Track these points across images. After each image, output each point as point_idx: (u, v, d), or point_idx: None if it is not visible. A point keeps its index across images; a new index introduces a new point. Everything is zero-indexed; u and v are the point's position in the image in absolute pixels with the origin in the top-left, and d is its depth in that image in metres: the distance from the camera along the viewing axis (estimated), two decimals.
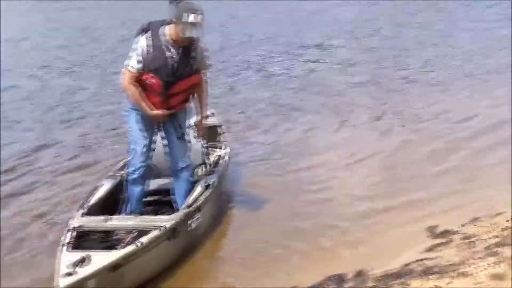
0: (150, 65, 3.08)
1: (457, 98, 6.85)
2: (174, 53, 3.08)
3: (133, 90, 3.13)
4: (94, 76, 8.60)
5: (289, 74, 8.52)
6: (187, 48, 3.13)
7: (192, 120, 3.62)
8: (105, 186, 3.64)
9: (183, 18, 2.97)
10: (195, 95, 3.40)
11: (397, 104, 6.74)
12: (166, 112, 3.20)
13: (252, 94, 7.52)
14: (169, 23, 3.10)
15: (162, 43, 3.08)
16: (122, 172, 3.83)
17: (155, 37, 3.08)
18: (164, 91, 3.14)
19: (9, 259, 3.40)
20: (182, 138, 3.36)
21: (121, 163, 4.03)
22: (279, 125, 6.15)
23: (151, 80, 3.10)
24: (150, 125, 3.33)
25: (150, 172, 3.59)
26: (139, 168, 3.32)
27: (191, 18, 2.97)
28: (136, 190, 3.37)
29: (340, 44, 10.27)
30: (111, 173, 3.90)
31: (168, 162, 3.50)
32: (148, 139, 3.34)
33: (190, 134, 3.60)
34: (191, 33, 3.02)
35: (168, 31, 3.09)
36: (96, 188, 3.62)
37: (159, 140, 3.52)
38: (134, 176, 3.34)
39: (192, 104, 3.50)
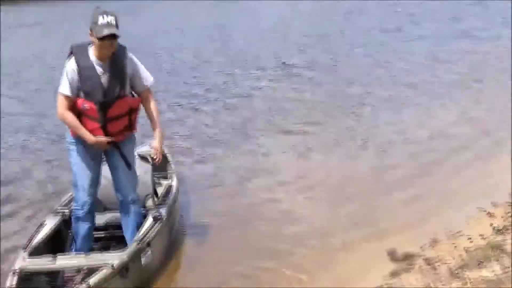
0: (81, 87, 2.95)
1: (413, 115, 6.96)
2: (102, 70, 2.97)
3: (69, 117, 2.95)
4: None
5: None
6: (115, 63, 3.00)
7: (140, 149, 3.45)
8: (50, 224, 3.39)
9: (97, 22, 2.88)
10: (137, 120, 3.21)
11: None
12: (108, 138, 3.02)
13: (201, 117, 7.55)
14: (91, 42, 3.01)
15: (89, 63, 2.98)
16: (67, 207, 3.59)
17: (82, 58, 2.98)
18: (101, 116, 2.98)
19: None
20: (129, 168, 3.16)
21: (67, 198, 3.77)
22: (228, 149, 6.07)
23: (85, 105, 2.95)
24: (94, 157, 3.17)
25: (98, 205, 3.36)
26: (84, 204, 3.12)
27: (102, 19, 2.88)
28: (82, 227, 3.16)
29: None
30: (56, 209, 3.63)
31: (116, 195, 3.28)
32: (93, 172, 3.18)
33: (137, 164, 3.41)
34: (106, 32, 2.86)
35: (92, 51, 2.99)
36: (40, 226, 3.36)
37: (106, 171, 3.31)
38: (79, 213, 3.13)
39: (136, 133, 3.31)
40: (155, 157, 3.27)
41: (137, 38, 12.80)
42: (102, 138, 3.00)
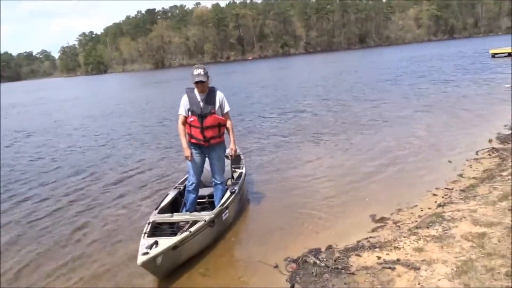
0: (190, 108, 4.68)
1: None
2: (200, 98, 4.68)
3: (181, 129, 4.71)
4: None
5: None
6: (209, 95, 4.70)
7: (227, 151, 5.08)
8: (171, 195, 5.11)
9: (193, 73, 4.60)
10: (225, 132, 4.87)
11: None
12: (189, 153, 4.71)
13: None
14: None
15: (194, 94, 4.70)
16: (182, 185, 5.34)
17: (190, 93, 4.73)
18: (200, 124, 4.64)
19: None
20: (220, 162, 4.86)
21: (182, 179, 5.58)
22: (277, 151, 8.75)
23: (191, 118, 4.70)
24: (200, 155, 4.85)
25: (201, 184, 5.03)
26: (193, 183, 4.78)
27: (196, 71, 4.58)
28: (191, 196, 4.82)
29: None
30: (175, 186, 5.42)
31: (211, 178, 4.96)
32: (199, 164, 4.86)
33: (225, 159, 5.02)
34: (197, 79, 4.55)
35: (196, 89, 4.71)
36: (165, 196, 5.08)
37: (206, 163, 4.99)
38: (190, 188, 4.80)
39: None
40: (231, 154, 4.92)
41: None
42: (188, 153, 4.70)
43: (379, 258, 3.85)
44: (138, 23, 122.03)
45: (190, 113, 4.68)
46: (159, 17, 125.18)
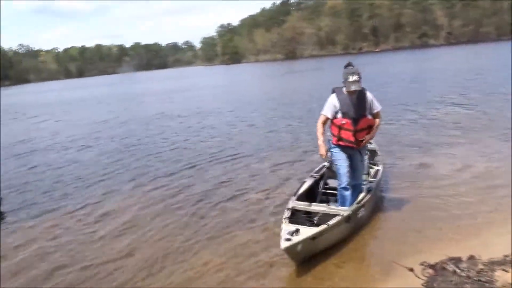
0: (341, 110, 4.64)
1: None
2: (352, 100, 4.63)
3: (320, 128, 4.75)
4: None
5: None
6: (359, 97, 4.64)
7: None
8: (308, 183, 5.39)
9: (347, 79, 4.54)
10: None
11: None
12: (324, 151, 4.69)
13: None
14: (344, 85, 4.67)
15: (344, 95, 4.65)
16: (318, 173, 5.59)
17: (339, 94, 4.69)
18: (354, 127, 4.65)
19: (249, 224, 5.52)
20: (363, 163, 4.93)
21: (318, 167, 5.84)
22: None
23: (343, 121, 4.67)
24: (346, 156, 4.85)
25: (334, 174, 5.17)
26: (343, 183, 4.86)
27: (351, 78, 4.51)
28: (342, 194, 4.90)
29: None
30: (312, 174, 5.66)
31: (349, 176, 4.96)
32: (347, 165, 4.86)
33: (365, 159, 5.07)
34: (353, 88, 4.51)
35: (345, 89, 4.66)
36: (302, 183, 5.37)
37: None
38: (341, 187, 4.88)
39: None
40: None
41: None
42: (323, 152, 4.68)
43: None
44: (273, 15, 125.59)
45: (341, 115, 4.66)
46: (293, 8, 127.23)
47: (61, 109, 27.59)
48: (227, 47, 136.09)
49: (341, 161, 4.85)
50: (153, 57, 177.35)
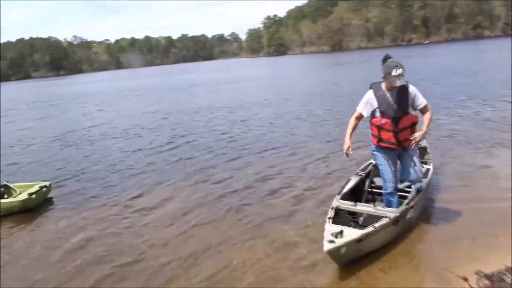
0: (379, 109, 4.26)
1: None
2: (391, 97, 4.23)
3: (352, 123, 4.44)
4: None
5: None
6: (400, 92, 4.23)
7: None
8: (353, 181, 5.15)
9: (391, 73, 4.08)
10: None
11: None
12: (347, 146, 4.36)
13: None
14: (383, 80, 4.26)
15: (383, 92, 4.26)
16: (363, 171, 5.33)
17: (378, 90, 4.29)
18: (394, 128, 4.25)
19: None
20: (413, 162, 4.47)
21: (364, 165, 5.60)
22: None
23: (382, 121, 4.28)
24: (391, 158, 4.47)
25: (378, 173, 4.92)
26: (388, 188, 4.52)
27: (395, 72, 4.06)
28: (388, 199, 4.59)
29: None
30: (357, 172, 5.41)
31: (398, 176, 4.67)
32: (393, 168, 4.49)
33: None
34: (398, 83, 4.09)
35: (383, 85, 4.26)
36: (347, 181, 5.14)
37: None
38: (386, 192, 4.58)
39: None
40: (412, 141, 4.31)
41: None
42: (345, 147, 4.38)
43: None
44: (319, 6, 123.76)
45: (379, 114, 4.28)
46: None
47: (115, 98, 28.91)
48: (272, 38, 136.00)
49: (385, 165, 4.49)
50: (199, 49, 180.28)
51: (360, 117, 4.42)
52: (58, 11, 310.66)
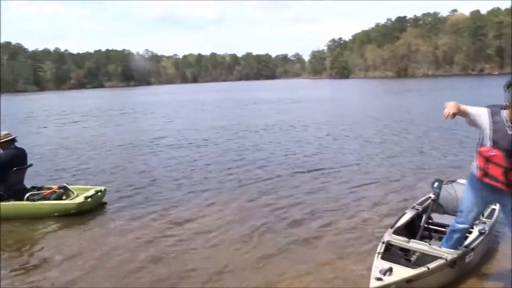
0: (492, 137, 3.46)
1: None
2: (510, 128, 3.41)
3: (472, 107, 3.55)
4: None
5: None
6: None
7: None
8: (408, 214, 4.83)
9: None
10: None
11: None
12: (451, 114, 3.36)
13: None
14: (505, 107, 3.46)
15: (501, 119, 3.45)
16: (421, 206, 4.97)
17: (495, 114, 3.47)
18: (507, 164, 3.43)
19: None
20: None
21: (422, 199, 5.22)
22: None
23: (492, 152, 3.48)
24: (483, 198, 3.77)
25: (439, 208, 4.57)
26: (461, 225, 3.96)
27: None
28: (452, 235, 4.08)
29: None
30: (414, 206, 5.08)
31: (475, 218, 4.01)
32: (477, 210, 3.84)
33: None
34: None
35: (506, 114, 3.44)
36: (402, 215, 4.84)
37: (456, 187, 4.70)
38: (454, 228, 4.04)
39: None
40: None
41: None
42: (448, 110, 3.37)
43: None
44: (387, 31, 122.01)
45: (490, 143, 3.50)
46: (409, 24, 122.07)
47: (182, 111, 30.08)
48: (336, 61, 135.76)
49: (474, 197, 3.81)
50: (262, 67, 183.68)
51: (465, 114, 3.52)
52: (135, 28, 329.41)
